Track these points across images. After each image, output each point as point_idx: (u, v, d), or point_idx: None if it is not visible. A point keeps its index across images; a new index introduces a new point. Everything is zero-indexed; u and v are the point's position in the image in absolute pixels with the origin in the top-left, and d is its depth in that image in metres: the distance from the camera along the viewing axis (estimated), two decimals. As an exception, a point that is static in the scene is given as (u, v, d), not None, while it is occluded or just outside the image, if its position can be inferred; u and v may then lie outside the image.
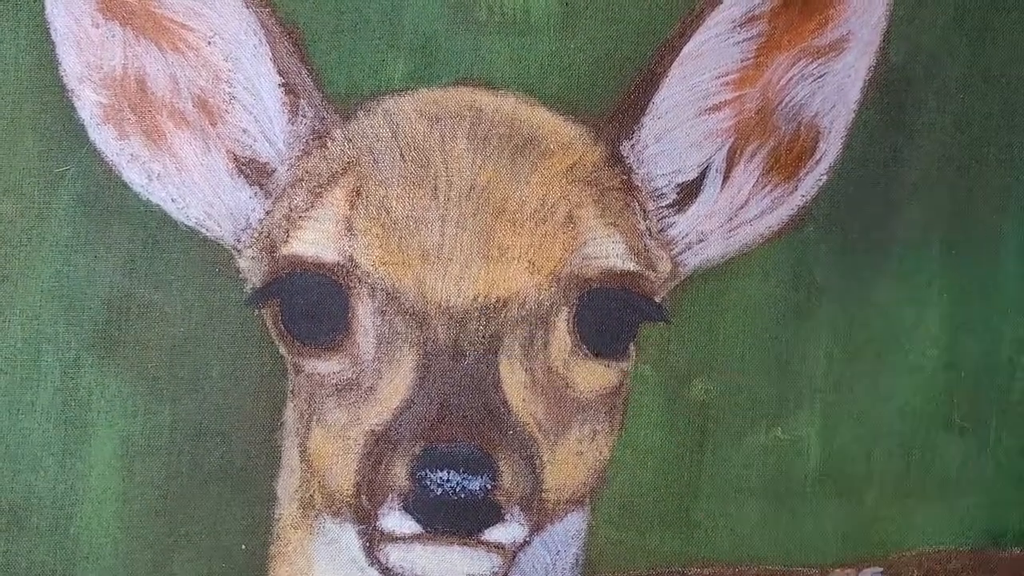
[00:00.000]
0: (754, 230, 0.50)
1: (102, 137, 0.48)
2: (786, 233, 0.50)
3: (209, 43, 0.48)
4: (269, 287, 0.48)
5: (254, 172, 0.48)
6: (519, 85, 0.49)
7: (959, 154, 0.50)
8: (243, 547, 0.48)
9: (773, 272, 0.50)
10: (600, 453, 0.49)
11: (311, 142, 0.48)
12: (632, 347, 0.49)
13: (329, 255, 0.48)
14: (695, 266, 0.50)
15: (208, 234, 0.48)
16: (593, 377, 0.48)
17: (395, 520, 0.47)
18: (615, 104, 0.49)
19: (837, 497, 0.49)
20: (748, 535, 0.49)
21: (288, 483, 0.49)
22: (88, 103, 0.47)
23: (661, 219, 0.50)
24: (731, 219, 0.50)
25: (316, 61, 0.48)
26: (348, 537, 0.48)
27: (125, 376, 0.48)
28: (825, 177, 0.50)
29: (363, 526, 0.48)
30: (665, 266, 0.50)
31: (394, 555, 0.47)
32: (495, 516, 0.47)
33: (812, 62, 0.49)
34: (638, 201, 0.49)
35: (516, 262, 0.48)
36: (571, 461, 0.49)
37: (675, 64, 0.49)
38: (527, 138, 0.48)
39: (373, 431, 0.47)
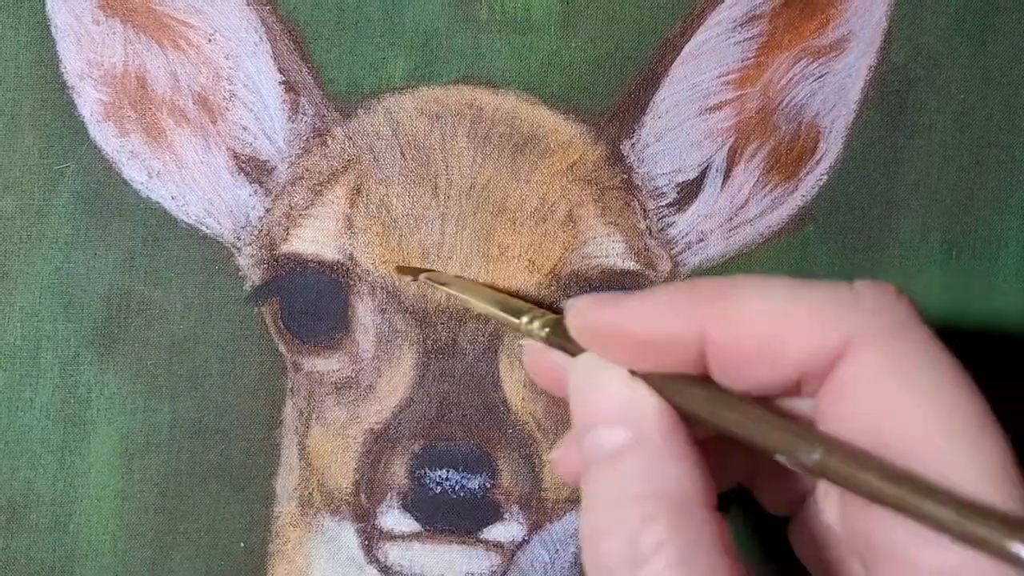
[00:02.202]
0: (754, 230, 0.50)
1: (102, 134, 0.48)
2: (786, 233, 0.50)
3: (210, 40, 0.48)
4: (269, 285, 0.48)
5: (254, 170, 0.48)
6: (520, 84, 0.48)
7: (960, 155, 0.50)
8: (242, 545, 0.48)
9: (773, 272, 0.49)
10: (599, 452, 0.49)
11: (311, 140, 0.48)
12: (632, 346, 0.49)
13: (329, 253, 0.48)
14: (695, 266, 0.50)
15: (208, 232, 0.48)
16: (592, 376, 0.48)
17: (394, 518, 0.47)
18: (616, 103, 0.49)
19: (836, 497, 0.49)
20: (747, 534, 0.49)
21: (287, 481, 0.49)
22: (88, 100, 0.47)
23: (661, 218, 0.50)
24: (731, 219, 0.50)
25: (316, 59, 0.48)
26: (347, 535, 0.48)
27: (124, 373, 0.48)
28: (825, 177, 0.50)
29: (362, 524, 0.48)
30: (665, 265, 0.50)
31: (393, 553, 0.47)
32: (494, 515, 0.47)
33: (813, 62, 0.49)
34: (638, 200, 0.49)
35: (516, 261, 0.48)
36: (570, 460, 0.49)
37: (676, 63, 0.49)
38: (527, 137, 0.48)
39: (372, 429, 0.48)
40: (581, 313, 0.37)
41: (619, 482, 0.34)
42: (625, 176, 0.49)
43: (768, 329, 0.33)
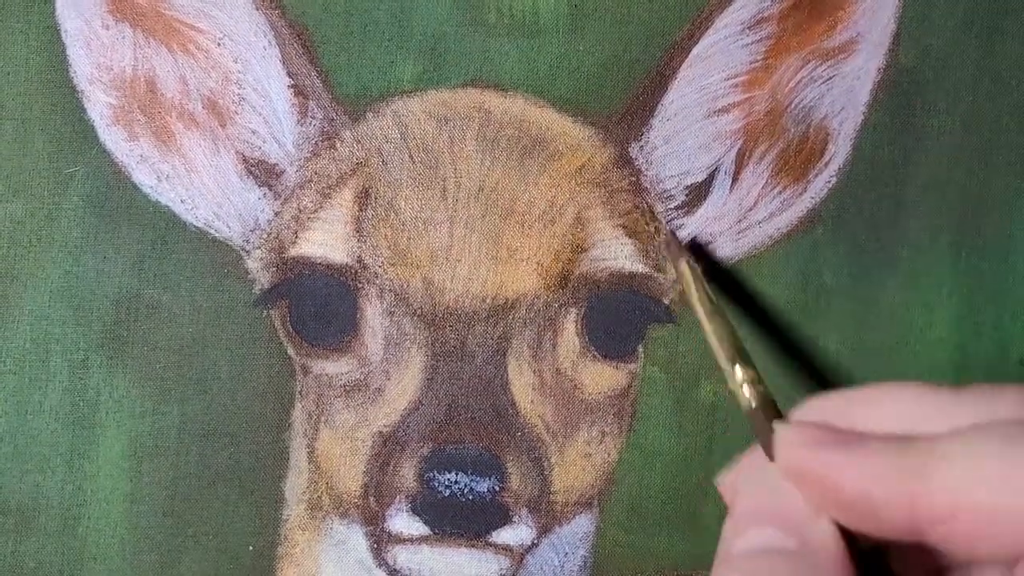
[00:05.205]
0: (763, 232, 0.50)
1: (112, 138, 0.48)
2: (795, 235, 0.50)
3: (219, 44, 0.48)
4: (277, 288, 0.48)
5: (263, 173, 0.48)
6: (528, 87, 0.49)
7: (968, 156, 0.49)
8: (250, 548, 0.48)
9: (782, 274, 0.49)
10: (608, 455, 0.49)
11: (320, 143, 0.48)
12: (640, 349, 0.49)
13: (338, 256, 0.48)
14: (704, 268, 0.50)
15: (217, 235, 0.48)
16: (601, 378, 0.48)
17: (403, 521, 0.47)
18: (624, 106, 0.49)
19: (846, 499, 0.49)
20: (757, 538, 0.49)
21: (296, 484, 0.49)
22: (98, 104, 0.48)
23: (670, 221, 0.50)
24: (740, 221, 0.50)
25: (325, 62, 0.48)
26: (356, 539, 0.48)
27: (133, 377, 0.48)
28: (834, 179, 0.50)
29: (371, 527, 0.48)
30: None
31: (402, 557, 0.47)
32: (503, 518, 0.47)
33: (821, 64, 0.49)
34: (647, 203, 0.49)
35: (525, 263, 0.48)
36: (579, 463, 0.49)
37: (684, 66, 0.49)
38: (536, 140, 0.48)
39: (381, 432, 0.47)
40: (792, 449, 0.34)
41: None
42: (633, 179, 0.49)
43: (989, 505, 0.30)
